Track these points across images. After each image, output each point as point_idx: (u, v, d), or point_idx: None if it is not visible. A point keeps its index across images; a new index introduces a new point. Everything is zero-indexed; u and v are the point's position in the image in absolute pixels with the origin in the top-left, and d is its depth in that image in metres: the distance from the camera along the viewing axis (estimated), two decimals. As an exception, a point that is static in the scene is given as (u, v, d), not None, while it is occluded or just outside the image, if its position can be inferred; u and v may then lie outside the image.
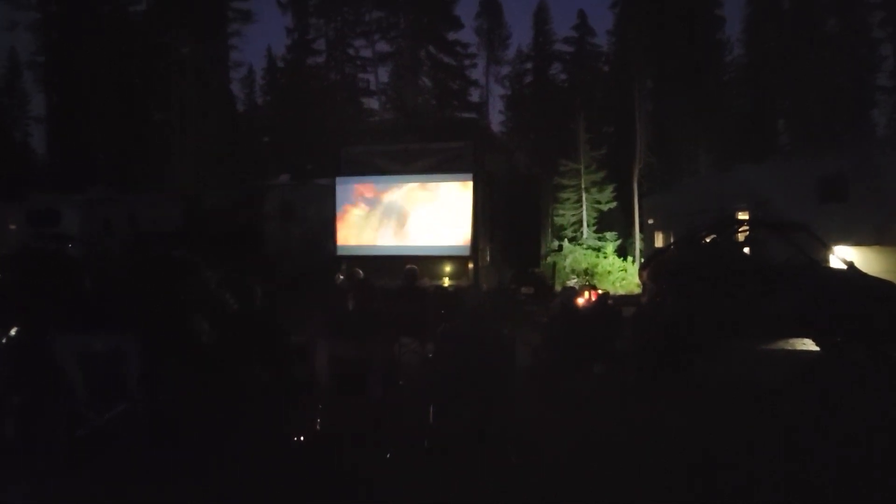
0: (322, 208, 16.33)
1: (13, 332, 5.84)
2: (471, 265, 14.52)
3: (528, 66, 41.17)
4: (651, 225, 24.20)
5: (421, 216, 14.88)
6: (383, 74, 39.84)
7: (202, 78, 33.32)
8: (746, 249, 10.82)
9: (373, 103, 39.87)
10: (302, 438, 5.96)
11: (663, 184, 27.76)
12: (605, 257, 25.20)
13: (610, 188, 29.66)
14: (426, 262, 13.96)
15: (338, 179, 15.63)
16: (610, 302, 9.39)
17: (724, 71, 34.40)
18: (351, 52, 39.56)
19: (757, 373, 8.25)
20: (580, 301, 8.67)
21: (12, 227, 18.33)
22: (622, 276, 23.43)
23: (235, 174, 29.45)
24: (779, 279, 9.11)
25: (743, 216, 15.32)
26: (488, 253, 15.72)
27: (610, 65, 38.50)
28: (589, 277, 22.41)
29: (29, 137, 38.41)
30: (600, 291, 9.40)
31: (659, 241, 21.84)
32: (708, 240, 10.15)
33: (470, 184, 14.42)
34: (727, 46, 34.99)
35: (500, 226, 15.86)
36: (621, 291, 21.32)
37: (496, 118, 41.90)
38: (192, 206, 20.75)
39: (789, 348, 9.50)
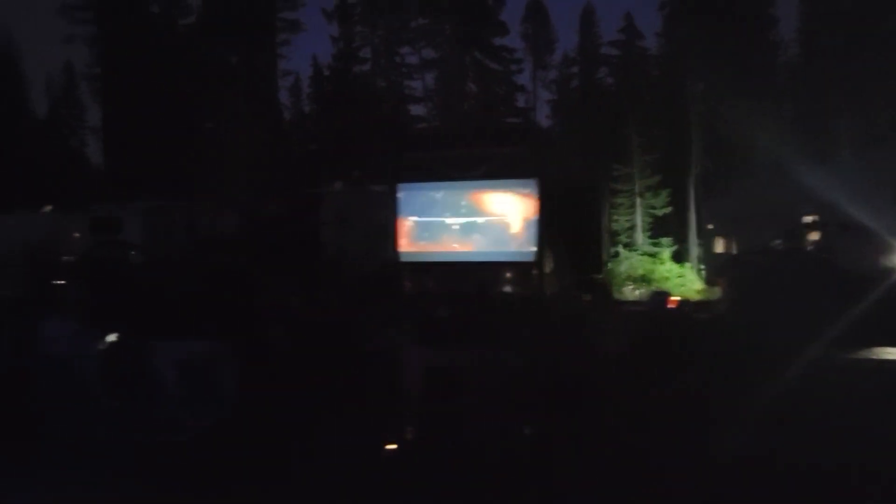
0: (378, 214, 16.33)
1: (113, 337, 5.90)
2: (535, 272, 14.34)
3: (575, 70, 40.80)
4: (711, 230, 23.71)
5: (483, 222, 14.78)
6: (430, 81, 39.95)
7: (252, 87, 33.91)
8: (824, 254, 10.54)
9: (419, 110, 40.00)
10: (394, 447, 5.89)
11: (720, 188, 27.18)
12: (661, 263, 24.79)
13: (665, 193, 29.09)
14: (488, 269, 13.87)
15: (399, 186, 15.58)
16: (686, 309, 9.22)
17: (779, 71, 33.62)
18: (397, 59, 39.72)
19: (843, 382, 7.95)
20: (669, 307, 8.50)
21: (76, 235, 18.76)
22: (680, 281, 22.97)
23: (285, 182, 29.75)
24: (864, 285, 8.82)
25: (812, 219, 14.84)
26: (551, 259, 15.52)
27: (659, 67, 37.92)
28: (646, 284, 22.06)
29: (85, 147, 39.54)
30: (678, 298, 9.22)
31: (720, 247, 21.37)
32: (785, 246, 9.91)
33: (533, 189, 14.27)
34: (782, 46, 34.22)
35: (560, 232, 15.64)
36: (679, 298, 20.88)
37: (543, 123, 41.58)
38: (249, 213, 20.99)
39: (875, 357, 9.14)
